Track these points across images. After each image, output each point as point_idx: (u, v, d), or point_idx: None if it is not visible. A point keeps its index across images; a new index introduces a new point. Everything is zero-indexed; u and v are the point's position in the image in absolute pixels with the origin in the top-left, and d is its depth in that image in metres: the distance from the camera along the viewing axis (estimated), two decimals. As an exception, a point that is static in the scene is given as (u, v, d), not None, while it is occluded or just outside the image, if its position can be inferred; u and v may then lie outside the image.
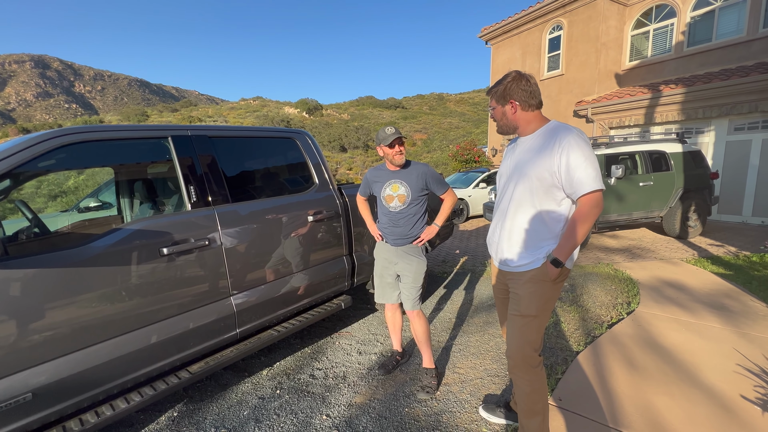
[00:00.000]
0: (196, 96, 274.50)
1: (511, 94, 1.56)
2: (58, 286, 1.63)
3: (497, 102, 1.62)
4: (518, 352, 1.62)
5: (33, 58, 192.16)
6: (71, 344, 1.67)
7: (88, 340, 1.72)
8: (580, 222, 1.45)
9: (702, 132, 8.25)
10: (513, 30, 12.14)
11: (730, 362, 2.45)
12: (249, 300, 2.32)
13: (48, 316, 1.60)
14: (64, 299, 1.65)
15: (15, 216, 3.26)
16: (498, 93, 1.60)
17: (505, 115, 1.61)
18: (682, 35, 9.17)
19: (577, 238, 1.46)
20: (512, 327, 1.64)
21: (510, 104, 1.58)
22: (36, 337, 1.57)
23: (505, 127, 1.66)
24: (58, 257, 1.65)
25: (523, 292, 1.59)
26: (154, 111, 73.88)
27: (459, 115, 73.43)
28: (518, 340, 1.61)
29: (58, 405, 1.63)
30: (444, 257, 5.86)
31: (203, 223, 2.14)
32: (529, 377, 1.62)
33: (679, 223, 6.06)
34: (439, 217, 2.36)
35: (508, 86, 1.56)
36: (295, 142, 2.90)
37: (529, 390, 1.63)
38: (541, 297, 1.57)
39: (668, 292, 3.79)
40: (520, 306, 1.61)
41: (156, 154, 2.32)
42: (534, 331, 1.60)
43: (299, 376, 2.60)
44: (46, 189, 7.89)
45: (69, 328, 1.66)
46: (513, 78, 1.56)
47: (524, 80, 1.55)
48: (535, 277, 1.56)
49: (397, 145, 2.21)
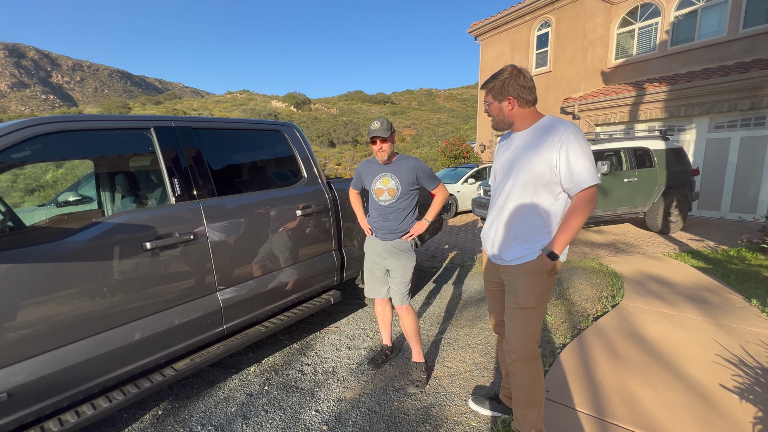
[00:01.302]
0: (181, 88, 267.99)
1: (509, 90, 1.54)
2: (34, 282, 1.56)
3: (494, 98, 1.60)
4: (521, 345, 1.62)
5: (7, 46, 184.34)
6: (49, 342, 1.61)
7: (67, 338, 1.66)
8: (576, 216, 1.47)
9: (684, 129, 8.46)
10: (502, 26, 12.19)
11: (709, 353, 2.53)
12: (236, 295, 2.28)
13: (23, 313, 1.54)
14: (40, 295, 1.58)
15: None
16: (495, 89, 1.58)
17: (502, 111, 1.60)
18: (666, 34, 9.35)
19: (572, 231, 1.48)
20: (512, 320, 1.65)
21: (507, 100, 1.56)
22: (11, 334, 1.51)
23: (501, 123, 1.65)
24: (34, 252, 1.58)
25: (520, 284, 1.61)
26: (137, 103, 71.84)
27: (448, 110, 73.68)
28: (520, 333, 1.62)
29: (36, 405, 1.58)
30: (433, 252, 5.89)
31: (188, 216, 2.08)
32: (529, 370, 1.63)
33: (662, 219, 6.22)
34: (429, 213, 2.35)
35: (505, 82, 1.54)
36: (283, 135, 2.85)
37: (528, 382, 1.64)
38: (538, 288, 1.59)
39: (651, 285, 3.89)
40: (518, 298, 1.62)
41: (138, 146, 2.24)
42: (534, 322, 1.61)
43: (288, 372, 2.58)
44: (23, 182, 7.61)
45: (46, 325, 1.60)
46: (510, 73, 1.54)
47: (522, 76, 1.54)
48: (531, 270, 1.58)
49: (378, 141, 2.18)
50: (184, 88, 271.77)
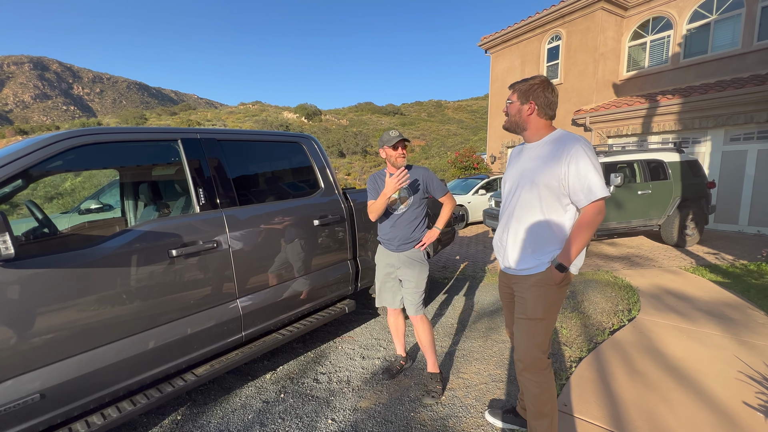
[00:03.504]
0: (195, 100, 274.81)
1: (536, 96, 1.58)
2: (67, 287, 1.63)
3: (518, 98, 1.63)
4: (527, 354, 1.64)
5: (32, 59, 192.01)
6: (79, 345, 1.67)
7: (96, 342, 1.72)
8: (583, 228, 1.50)
9: (698, 142, 8.37)
10: (512, 39, 12.30)
11: (731, 369, 2.48)
12: (255, 303, 2.32)
13: (57, 317, 1.60)
14: (72, 300, 1.65)
15: (20, 217, 3.25)
16: (522, 90, 1.61)
17: (520, 113, 1.63)
18: (678, 47, 9.33)
19: (580, 243, 1.51)
20: (520, 330, 1.66)
21: (529, 104, 1.59)
22: (45, 337, 1.57)
23: (514, 125, 1.68)
24: (68, 258, 1.65)
25: (529, 295, 1.62)
26: (153, 114, 73.83)
27: (457, 122, 73.95)
28: (526, 343, 1.64)
29: (65, 406, 1.63)
30: (444, 263, 5.88)
31: (211, 225, 2.15)
32: (537, 379, 1.64)
33: (677, 232, 6.12)
34: (440, 221, 2.38)
35: (534, 87, 1.58)
36: (301, 146, 2.92)
37: (537, 392, 1.65)
38: (547, 300, 1.60)
39: (668, 299, 3.83)
40: (526, 309, 1.64)
41: (165, 157, 2.34)
42: (541, 333, 1.62)
43: (303, 380, 2.59)
44: (51, 191, 7.85)
45: (78, 329, 1.66)
46: (542, 82, 1.59)
47: (550, 89, 1.59)
48: (540, 281, 1.60)
49: (400, 148, 2.24)
50: (199, 99, 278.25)
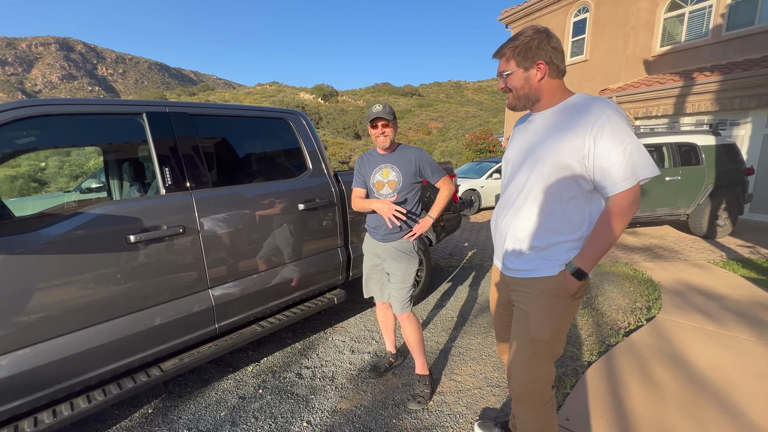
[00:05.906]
0: (214, 80, 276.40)
1: (540, 53, 1.17)
2: (7, 275, 1.47)
3: (518, 63, 1.21)
4: (526, 387, 1.29)
5: (58, 40, 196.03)
6: (27, 337, 1.53)
7: (45, 334, 1.57)
8: (611, 223, 1.13)
9: (738, 124, 7.65)
10: (535, 12, 11.51)
11: (766, 383, 2.17)
12: (230, 293, 2.15)
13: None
14: (14, 289, 1.49)
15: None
16: (519, 50, 1.19)
17: (529, 82, 1.22)
18: (720, 18, 8.45)
19: (606, 243, 1.15)
20: (518, 355, 1.30)
21: (536, 67, 1.19)
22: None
23: (524, 99, 1.25)
24: (5, 243, 1.49)
25: (534, 309, 1.26)
26: (173, 94, 74.73)
27: (476, 103, 71.88)
28: (527, 373, 1.29)
29: (11, 403, 1.50)
30: (451, 250, 5.62)
31: (178, 208, 1.95)
32: (537, 414, 1.31)
33: (707, 222, 5.63)
34: (434, 208, 2.08)
35: (534, 43, 1.18)
36: (288, 123, 2.68)
37: (535, 428, 1.33)
38: (557, 316, 1.24)
39: (693, 297, 3.47)
40: (529, 328, 1.26)
41: (128, 133, 2.14)
42: (546, 359, 1.28)
43: (285, 374, 2.44)
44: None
45: (24, 320, 1.51)
46: (536, 32, 1.18)
47: (553, 37, 1.19)
48: (550, 290, 1.23)
49: (379, 125, 1.95)
50: (218, 80, 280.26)
